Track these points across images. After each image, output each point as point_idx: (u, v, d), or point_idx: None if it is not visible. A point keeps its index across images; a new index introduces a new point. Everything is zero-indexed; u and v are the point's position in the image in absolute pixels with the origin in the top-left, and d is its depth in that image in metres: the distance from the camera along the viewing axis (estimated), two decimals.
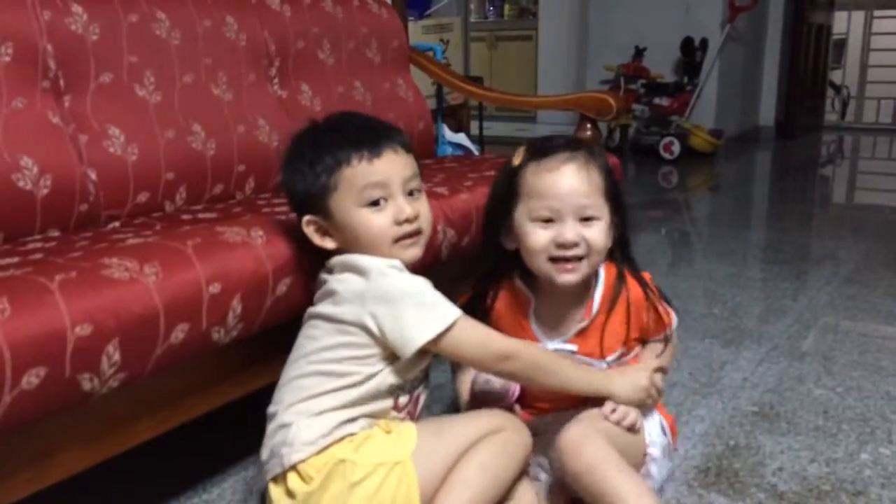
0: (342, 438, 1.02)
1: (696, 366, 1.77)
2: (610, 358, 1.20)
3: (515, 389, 1.22)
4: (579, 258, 1.13)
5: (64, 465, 0.99)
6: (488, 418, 1.09)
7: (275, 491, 1.04)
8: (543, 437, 1.23)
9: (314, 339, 1.06)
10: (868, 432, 1.46)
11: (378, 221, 1.04)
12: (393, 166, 1.05)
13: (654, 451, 1.17)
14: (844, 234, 3.16)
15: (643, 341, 1.25)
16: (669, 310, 1.24)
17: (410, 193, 1.08)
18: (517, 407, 1.24)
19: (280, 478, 1.03)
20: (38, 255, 1.06)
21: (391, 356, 1.04)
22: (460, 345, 1.02)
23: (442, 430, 1.07)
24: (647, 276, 1.24)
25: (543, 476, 1.23)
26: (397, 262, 1.05)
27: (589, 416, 1.13)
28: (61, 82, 1.43)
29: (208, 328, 1.05)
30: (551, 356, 1.13)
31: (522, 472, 1.18)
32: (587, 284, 1.19)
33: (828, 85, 6.91)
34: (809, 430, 1.46)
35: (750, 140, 5.96)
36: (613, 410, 1.13)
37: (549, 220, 1.12)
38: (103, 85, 1.48)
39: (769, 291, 2.35)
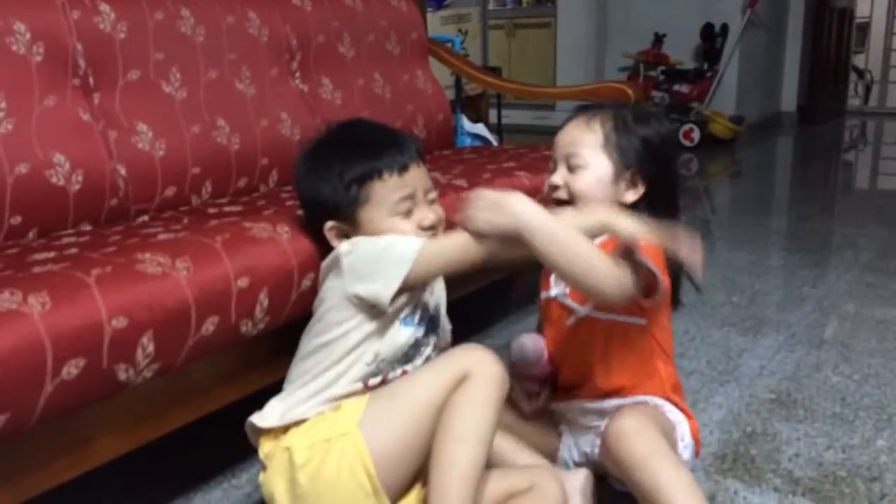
0: (298, 423, 1.06)
1: (714, 354, 1.78)
2: (590, 303, 1.20)
3: (543, 359, 1.26)
4: (563, 202, 1.19)
5: (102, 451, 1.03)
6: (449, 366, 1.04)
7: None
8: (578, 426, 1.26)
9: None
10: (885, 419, 1.47)
11: (405, 227, 1.09)
12: (417, 178, 1.11)
13: (687, 454, 1.18)
14: (866, 220, 3.14)
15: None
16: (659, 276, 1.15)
17: (430, 200, 1.13)
18: (545, 393, 1.27)
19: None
20: (74, 250, 1.10)
21: (365, 321, 1.05)
22: (430, 263, 1.04)
23: (397, 391, 1.05)
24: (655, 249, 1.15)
25: (572, 463, 1.26)
26: (353, 238, 1.09)
27: (638, 408, 1.14)
28: (91, 80, 1.47)
29: (237, 321, 1.08)
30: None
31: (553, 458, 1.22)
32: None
33: (851, 69, 6.83)
34: (826, 417, 1.48)
35: (771, 126, 5.92)
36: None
37: (553, 172, 1.23)
38: (131, 82, 1.52)
39: (788, 279, 2.36)
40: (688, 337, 1.88)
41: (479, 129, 3.03)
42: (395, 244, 1.05)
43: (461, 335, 1.25)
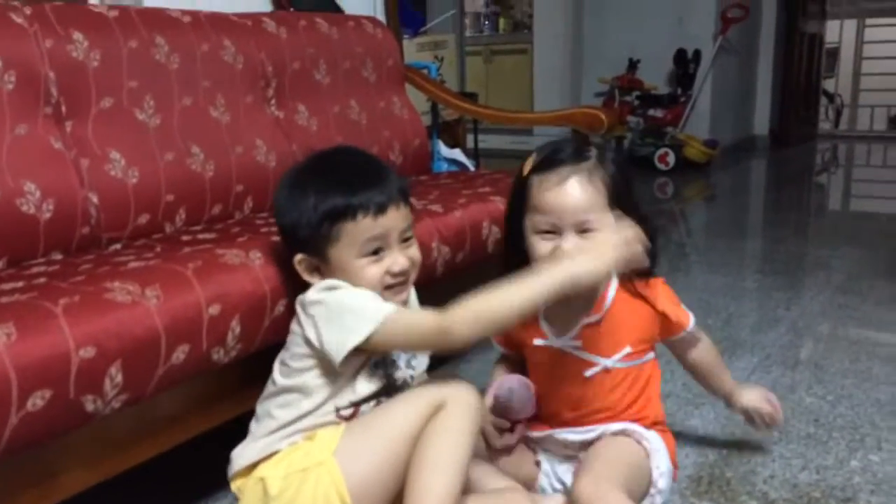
0: (270, 455, 1.05)
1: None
2: (616, 356, 1.22)
3: (531, 405, 1.25)
4: None
5: (70, 484, 1.02)
6: (426, 397, 1.04)
7: None
8: (557, 454, 1.26)
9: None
10: (858, 439, 1.48)
11: (373, 272, 1.08)
12: (393, 221, 1.08)
13: (663, 482, 1.18)
14: (838, 242, 3.18)
15: (652, 344, 1.30)
16: (688, 312, 1.31)
17: (405, 239, 1.11)
18: (520, 426, 1.26)
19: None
20: (42, 280, 1.09)
21: (330, 370, 1.05)
22: (391, 338, 1.02)
23: (372, 423, 1.05)
24: (659, 280, 1.27)
25: (550, 491, 1.25)
26: (334, 282, 1.07)
27: (599, 462, 1.14)
28: (63, 108, 1.46)
29: (208, 349, 1.08)
30: (493, 295, 1.02)
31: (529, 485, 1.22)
32: (596, 287, 1.22)
33: (821, 93, 6.96)
34: (801, 438, 1.49)
35: (745, 149, 6.00)
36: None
37: (550, 232, 1.16)
38: (104, 110, 1.52)
39: (763, 301, 2.38)
40: (664, 360, 1.87)
41: (456, 154, 3.04)
42: (361, 309, 1.02)
43: (439, 357, 1.25)
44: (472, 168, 3.00)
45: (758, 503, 1.28)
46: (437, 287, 1.47)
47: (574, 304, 1.23)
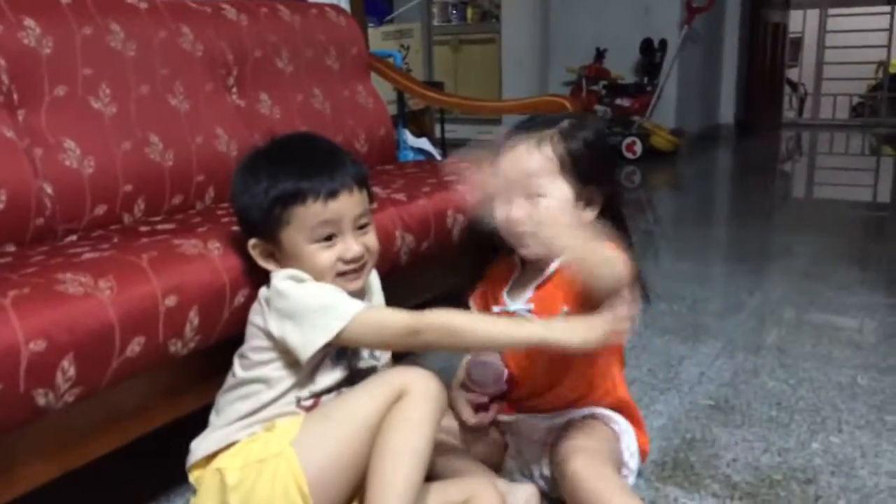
0: (229, 446, 1.04)
1: (655, 362, 1.80)
2: (558, 317, 1.18)
3: (503, 381, 1.25)
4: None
5: (24, 480, 0.99)
6: (386, 385, 1.03)
7: None
8: (525, 439, 1.26)
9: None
10: (819, 422, 1.50)
11: (325, 257, 1.06)
12: (346, 206, 1.07)
13: (634, 463, 1.20)
14: (801, 229, 3.23)
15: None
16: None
17: (361, 227, 1.10)
18: (495, 405, 1.26)
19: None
20: None
21: (292, 362, 1.05)
22: (361, 335, 1.03)
23: (331, 412, 1.05)
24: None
25: (518, 476, 1.25)
26: (299, 273, 1.06)
27: (585, 441, 1.14)
28: (15, 96, 1.42)
29: (165, 341, 1.05)
30: (470, 318, 1.07)
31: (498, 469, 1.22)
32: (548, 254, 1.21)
33: (785, 83, 7.05)
34: (763, 422, 1.51)
35: (710, 138, 6.06)
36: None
37: (507, 200, 1.18)
38: (58, 98, 1.48)
39: (727, 287, 2.40)
40: (629, 345, 1.90)
41: (423, 143, 3.04)
42: (331, 306, 1.02)
43: None
44: (438, 157, 2.99)
45: (721, 486, 1.29)
46: (401, 276, 1.47)
47: (531, 270, 1.23)
